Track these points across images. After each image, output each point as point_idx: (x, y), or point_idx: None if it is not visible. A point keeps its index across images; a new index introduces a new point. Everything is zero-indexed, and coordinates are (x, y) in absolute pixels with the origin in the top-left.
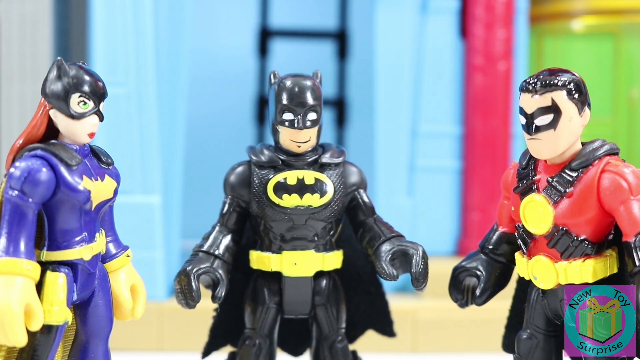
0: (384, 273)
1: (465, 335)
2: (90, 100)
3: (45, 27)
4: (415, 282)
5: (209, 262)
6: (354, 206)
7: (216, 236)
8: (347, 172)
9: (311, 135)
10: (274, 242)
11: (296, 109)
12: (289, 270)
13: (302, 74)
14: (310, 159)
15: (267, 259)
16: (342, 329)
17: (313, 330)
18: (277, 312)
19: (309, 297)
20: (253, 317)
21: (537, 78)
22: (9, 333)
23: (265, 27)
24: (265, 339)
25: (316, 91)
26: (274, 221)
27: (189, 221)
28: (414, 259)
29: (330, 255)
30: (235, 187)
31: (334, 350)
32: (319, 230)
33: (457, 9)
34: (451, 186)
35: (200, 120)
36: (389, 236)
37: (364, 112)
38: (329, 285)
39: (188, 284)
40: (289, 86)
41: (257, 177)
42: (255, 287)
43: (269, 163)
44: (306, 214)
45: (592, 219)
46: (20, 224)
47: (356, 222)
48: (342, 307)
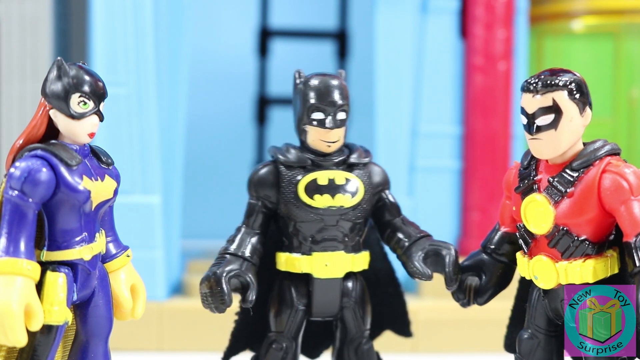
0: (418, 273)
1: (465, 335)
2: (91, 100)
3: (45, 27)
4: (449, 282)
5: (238, 265)
6: (380, 206)
7: (243, 238)
8: (373, 172)
9: (340, 135)
10: (304, 244)
11: (327, 109)
12: (320, 271)
13: (328, 73)
14: (338, 159)
15: (296, 260)
16: (368, 330)
17: (337, 331)
18: (305, 315)
19: (338, 298)
20: (279, 320)
21: (539, 78)
22: (9, 333)
23: (265, 27)
24: (291, 341)
25: (344, 90)
26: (304, 222)
27: (189, 221)
28: (447, 259)
29: (359, 256)
30: (262, 188)
31: (360, 351)
32: (348, 230)
33: (457, 9)
34: (451, 186)
35: (200, 120)
36: (419, 236)
37: (364, 112)
38: (356, 287)
39: (219, 288)
40: (317, 85)
41: (285, 177)
42: (281, 289)
43: (298, 163)
44: (337, 215)
45: (593, 219)
46: (20, 224)
47: (383, 223)
48: (368, 308)
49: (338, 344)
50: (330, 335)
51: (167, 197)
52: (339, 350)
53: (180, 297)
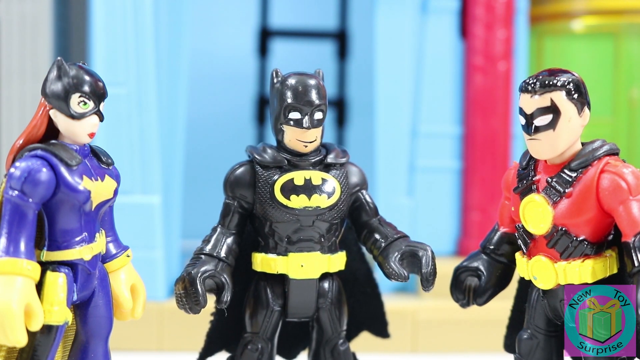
0: (394, 274)
1: (465, 335)
2: (91, 101)
3: (45, 27)
4: (426, 283)
5: (213, 266)
6: (357, 207)
7: (218, 238)
8: (350, 172)
9: (317, 135)
10: (280, 244)
11: (303, 108)
12: (295, 272)
13: (305, 73)
14: (315, 159)
15: (272, 261)
16: (344, 331)
17: (314, 332)
18: (280, 316)
19: (314, 299)
20: (255, 321)
21: (537, 78)
22: (9, 333)
23: (265, 27)
24: (267, 342)
25: (321, 90)
26: (280, 222)
27: (189, 221)
28: (424, 260)
29: (335, 256)
30: (237, 188)
31: (336, 352)
32: (324, 231)
33: (457, 9)
34: (451, 186)
35: (200, 120)
36: (395, 237)
37: (364, 112)
38: (332, 287)
39: (194, 288)
40: (294, 85)
41: (261, 177)
42: (257, 290)
43: (274, 163)
44: (313, 215)
45: (592, 219)
46: (21, 224)
47: (360, 223)
48: (345, 309)
49: (314, 345)
50: (306, 336)
51: (167, 197)
52: (315, 351)
53: None
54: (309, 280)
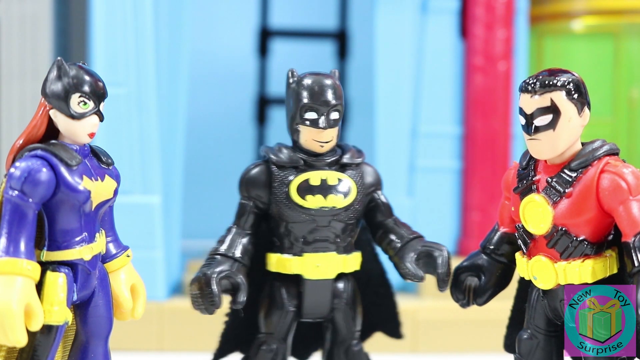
0: (410, 274)
1: (465, 335)
2: (91, 101)
3: (45, 27)
4: (442, 283)
5: (228, 266)
6: (372, 207)
7: (234, 239)
8: (365, 172)
9: (333, 135)
10: (295, 244)
11: (320, 108)
12: (311, 272)
13: (321, 72)
14: (331, 159)
15: (287, 261)
16: (358, 331)
17: (328, 333)
18: (295, 316)
19: (329, 300)
20: (269, 321)
21: (537, 78)
22: (9, 333)
23: (265, 27)
24: (281, 343)
25: (338, 90)
26: (296, 223)
27: (189, 221)
28: (439, 260)
29: (350, 257)
30: (253, 189)
31: (351, 353)
32: (340, 231)
33: (457, 9)
34: (451, 186)
35: (200, 120)
36: (411, 237)
37: (364, 112)
38: (347, 288)
39: (209, 289)
40: (310, 85)
41: (277, 177)
42: (272, 290)
43: (290, 163)
44: (329, 215)
45: (592, 219)
46: (20, 224)
47: (375, 223)
48: (359, 309)
49: (328, 346)
50: (320, 337)
51: (167, 197)
52: (329, 352)
53: (180, 297)
54: (324, 280)
